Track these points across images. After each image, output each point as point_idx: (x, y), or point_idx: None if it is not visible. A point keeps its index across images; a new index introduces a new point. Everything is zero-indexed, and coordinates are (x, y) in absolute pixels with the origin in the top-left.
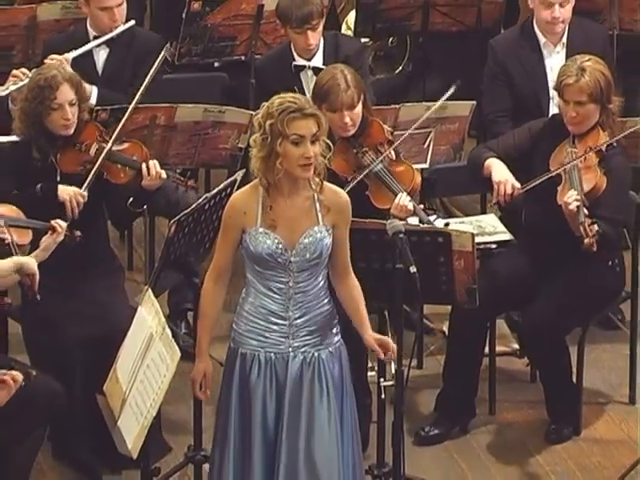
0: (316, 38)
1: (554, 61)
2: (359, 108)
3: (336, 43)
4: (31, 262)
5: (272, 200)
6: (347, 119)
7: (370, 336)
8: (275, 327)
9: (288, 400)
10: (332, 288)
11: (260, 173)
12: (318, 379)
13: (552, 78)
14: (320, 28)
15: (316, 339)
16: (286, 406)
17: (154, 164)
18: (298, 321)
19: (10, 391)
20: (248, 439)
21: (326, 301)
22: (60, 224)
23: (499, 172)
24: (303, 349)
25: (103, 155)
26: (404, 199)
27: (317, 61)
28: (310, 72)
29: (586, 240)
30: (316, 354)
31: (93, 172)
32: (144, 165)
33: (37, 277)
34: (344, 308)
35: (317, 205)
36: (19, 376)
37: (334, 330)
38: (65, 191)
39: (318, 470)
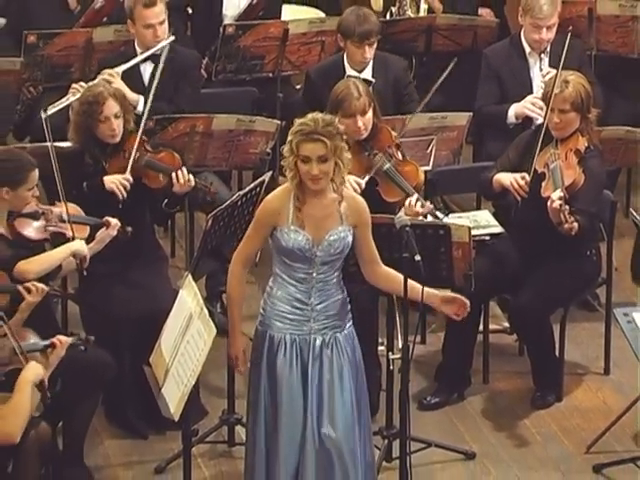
0: (371, 53)
1: (538, 68)
2: (370, 114)
3: (385, 61)
4: (82, 247)
5: (301, 203)
6: (360, 123)
7: (434, 297)
8: (298, 312)
9: (311, 376)
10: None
11: (289, 179)
12: (337, 357)
13: (536, 82)
14: (375, 45)
15: (333, 322)
16: (310, 380)
17: (183, 173)
18: (318, 307)
19: (60, 353)
20: (276, 410)
21: (341, 290)
22: (113, 220)
23: (506, 177)
24: (323, 331)
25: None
26: (415, 200)
27: (367, 74)
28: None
29: (566, 225)
30: (334, 336)
31: (128, 171)
32: (174, 174)
33: (87, 259)
34: (391, 293)
35: (340, 209)
36: (65, 339)
37: (348, 315)
38: (109, 179)
39: (340, 433)
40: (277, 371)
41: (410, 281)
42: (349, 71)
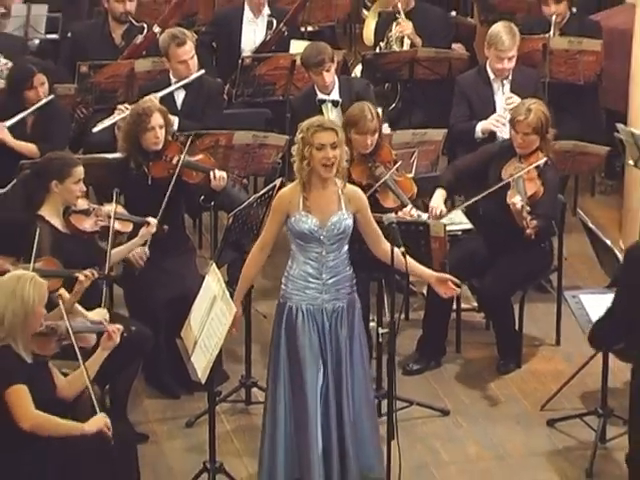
0: (330, 77)
1: (500, 94)
2: (377, 134)
3: (349, 83)
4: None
5: (308, 193)
6: (369, 141)
7: (430, 276)
8: (312, 285)
9: (326, 336)
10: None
11: (297, 172)
12: (348, 321)
13: (499, 104)
14: (332, 70)
15: (341, 294)
16: (327, 342)
17: (218, 172)
18: (329, 281)
19: (116, 340)
20: (298, 370)
21: (348, 267)
22: (153, 220)
23: (435, 200)
24: (333, 301)
25: (182, 162)
26: (410, 210)
27: (334, 95)
28: (330, 104)
29: (527, 231)
30: (341, 305)
31: (176, 173)
32: (211, 172)
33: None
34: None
35: (341, 197)
36: (119, 327)
37: (353, 288)
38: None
39: (357, 377)
40: (297, 334)
41: (411, 260)
42: (320, 95)
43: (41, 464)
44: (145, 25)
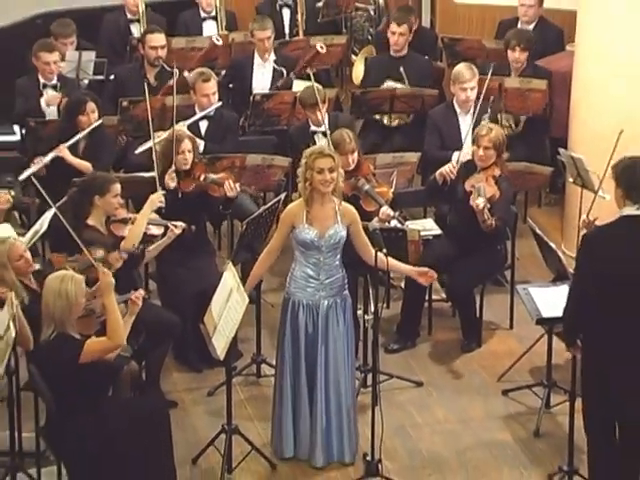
0: (322, 114)
1: (465, 123)
2: (356, 153)
3: (336, 118)
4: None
5: (310, 208)
6: (350, 159)
7: (412, 271)
8: (312, 284)
9: (321, 326)
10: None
11: (301, 190)
12: (341, 315)
13: (464, 133)
14: (323, 109)
15: (335, 291)
16: (320, 329)
17: (231, 182)
18: (326, 281)
19: (138, 304)
20: (297, 353)
21: (341, 269)
22: (178, 224)
23: (440, 169)
24: (328, 298)
25: (208, 180)
26: (386, 209)
27: (324, 128)
28: (320, 134)
29: (488, 221)
30: (335, 300)
31: (203, 187)
32: (226, 182)
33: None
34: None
35: (338, 213)
36: (141, 293)
37: (345, 286)
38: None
39: (341, 364)
40: (298, 325)
41: (392, 260)
42: (312, 127)
43: (104, 424)
44: (177, 70)
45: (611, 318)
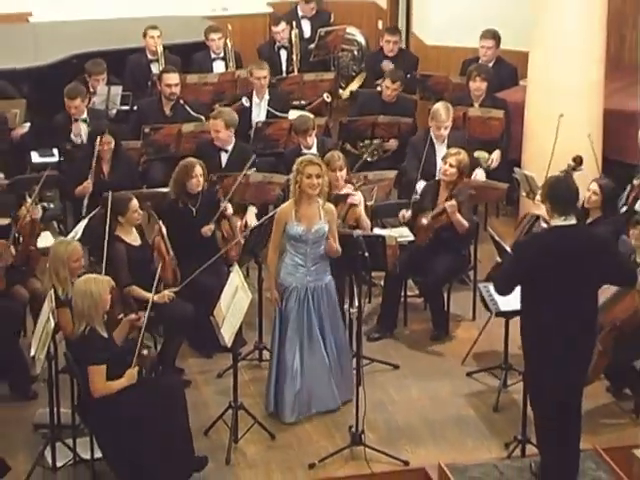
0: (311, 140)
1: (440, 151)
2: (344, 171)
3: (322, 142)
4: None
5: (298, 207)
6: (339, 175)
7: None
8: (300, 271)
9: (308, 305)
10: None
11: (292, 192)
12: (326, 297)
13: (438, 160)
14: (313, 135)
15: (320, 276)
16: (313, 310)
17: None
18: (312, 268)
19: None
20: (284, 329)
21: (325, 258)
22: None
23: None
24: (314, 282)
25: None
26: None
27: (313, 150)
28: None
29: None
30: (321, 284)
31: (220, 210)
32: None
33: None
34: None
35: (321, 211)
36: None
37: (328, 272)
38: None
39: (339, 336)
40: (288, 307)
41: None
42: (304, 150)
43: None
44: (187, 106)
45: (544, 301)
